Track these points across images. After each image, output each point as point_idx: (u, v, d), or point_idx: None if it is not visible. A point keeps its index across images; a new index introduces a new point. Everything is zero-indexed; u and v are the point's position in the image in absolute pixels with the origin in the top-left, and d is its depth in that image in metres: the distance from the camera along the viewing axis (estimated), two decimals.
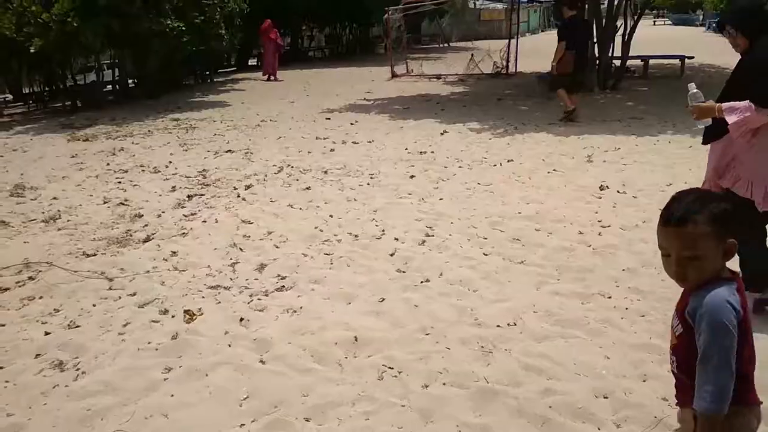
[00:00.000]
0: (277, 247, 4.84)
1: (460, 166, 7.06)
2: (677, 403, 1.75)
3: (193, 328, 3.58)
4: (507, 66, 17.12)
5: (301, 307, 3.77)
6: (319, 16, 27.29)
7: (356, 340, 3.33)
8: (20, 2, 12.02)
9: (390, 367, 3.06)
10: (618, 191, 5.78)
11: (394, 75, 18.11)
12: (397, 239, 4.86)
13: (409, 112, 11.43)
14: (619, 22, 13.04)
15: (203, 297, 4.00)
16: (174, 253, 4.81)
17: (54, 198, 6.62)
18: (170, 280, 4.29)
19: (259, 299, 3.93)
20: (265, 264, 4.50)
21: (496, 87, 14.75)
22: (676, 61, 15.00)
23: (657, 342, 3.14)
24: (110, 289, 4.21)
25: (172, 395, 2.93)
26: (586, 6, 10.76)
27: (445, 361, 3.09)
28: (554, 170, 6.65)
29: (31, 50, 11.85)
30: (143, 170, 7.76)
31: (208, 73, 19.85)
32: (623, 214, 5.13)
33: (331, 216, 5.51)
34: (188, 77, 19.11)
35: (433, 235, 4.91)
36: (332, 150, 8.39)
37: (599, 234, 4.73)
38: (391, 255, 4.56)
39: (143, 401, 2.90)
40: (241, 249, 4.84)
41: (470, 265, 4.29)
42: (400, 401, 2.79)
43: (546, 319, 3.48)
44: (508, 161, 7.18)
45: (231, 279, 4.28)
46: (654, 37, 28.21)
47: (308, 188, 6.48)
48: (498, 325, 3.42)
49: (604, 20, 12.86)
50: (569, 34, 9.05)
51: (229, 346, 3.36)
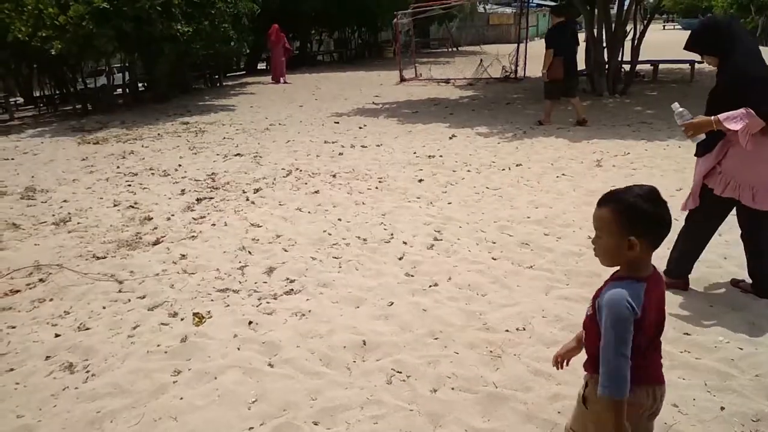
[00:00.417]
0: (285, 250, 4.85)
1: (468, 170, 7.05)
2: (586, 380, 1.88)
3: (202, 331, 3.59)
4: (516, 70, 17.11)
5: (309, 311, 3.78)
6: (328, 20, 27.37)
7: (365, 344, 3.34)
8: (36, 5, 12.12)
9: (398, 371, 3.05)
10: None
11: (402, 79, 18.14)
12: (405, 243, 4.86)
13: (418, 116, 11.44)
14: (629, 27, 13.00)
15: (212, 300, 4.02)
16: (183, 256, 4.83)
17: (64, 201, 6.67)
18: (179, 283, 4.31)
19: (267, 302, 3.94)
20: (274, 267, 4.51)
21: (505, 91, 14.73)
22: (686, 66, 14.92)
23: (667, 348, 3.11)
24: (120, 291, 4.24)
25: (181, 398, 2.94)
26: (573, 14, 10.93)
27: (453, 366, 3.08)
28: (563, 174, 6.63)
29: (52, 53, 11.96)
30: (153, 173, 7.81)
31: (217, 76, 19.98)
32: None
33: (339, 220, 5.52)
34: (198, 81, 19.24)
35: (441, 239, 4.90)
36: (341, 154, 8.41)
37: None
38: (400, 259, 4.56)
39: (152, 404, 2.91)
40: (249, 252, 4.85)
41: (479, 269, 4.28)
42: (409, 405, 2.79)
43: (555, 324, 3.46)
44: (517, 165, 7.17)
45: (240, 282, 4.29)
46: (663, 42, 28.07)
47: (317, 192, 6.49)
48: (507, 330, 3.41)
49: (613, 25, 12.84)
50: (557, 41, 9.15)
51: (238, 349, 3.37)
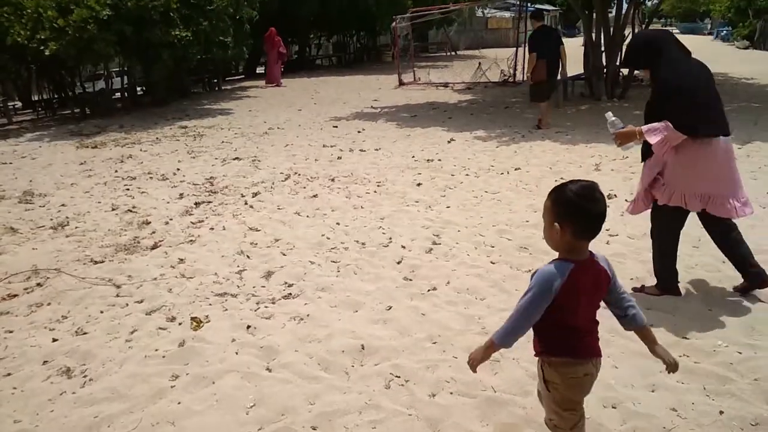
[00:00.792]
0: (284, 254, 4.85)
1: (467, 174, 7.06)
2: (540, 362, 2.10)
3: (200, 335, 3.58)
4: (514, 74, 17.14)
5: (307, 315, 3.77)
6: (326, 24, 27.44)
7: (363, 348, 3.33)
8: (35, 8, 12.13)
9: (397, 376, 3.05)
10: (626, 200, 5.74)
11: (401, 83, 18.17)
12: (404, 247, 4.86)
13: (417, 120, 11.45)
14: (627, 31, 13.03)
15: (210, 304, 4.01)
16: (181, 260, 4.83)
17: (62, 205, 6.66)
18: (177, 288, 4.30)
19: (266, 307, 3.93)
20: (272, 271, 4.50)
21: (504, 95, 14.75)
22: None
23: None
24: (118, 296, 4.23)
25: (179, 402, 2.93)
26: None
27: (452, 370, 3.07)
28: (561, 178, 6.63)
29: (46, 53, 11.96)
30: (151, 177, 7.80)
31: (216, 81, 19.99)
32: (631, 222, 5.09)
33: (338, 224, 5.52)
34: (196, 85, 19.25)
35: (440, 243, 4.90)
36: (339, 158, 8.41)
37: (607, 242, 4.71)
38: (398, 263, 4.56)
39: (150, 408, 2.90)
40: (248, 256, 4.85)
41: (477, 273, 4.28)
42: (407, 410, 2.78)
43: None
44: (515, 169, 7.17)
45: (238, 286, 4.29)
46: None
47: (315, 196, 6.49)
48: None
49: (612, 29, 12.86)
50: (540, 44, 9.45)
51: (236, 353, 3.36)
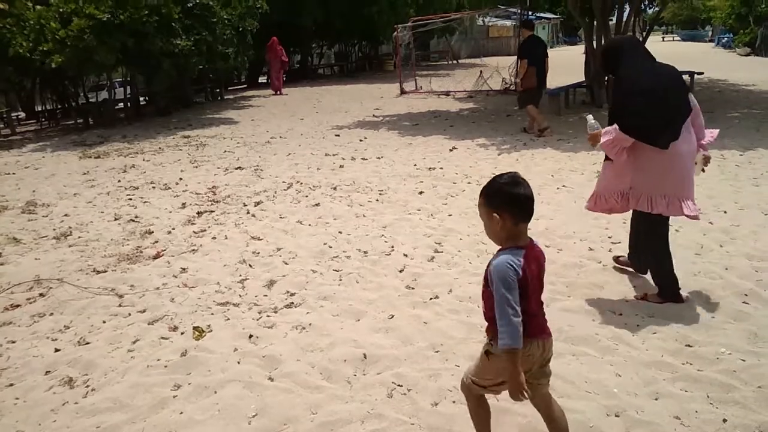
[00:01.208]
0: (286, 263, 4.85)
1: (469, 182, 7.06)
2: (489, 339, 2.24)
3: (202, 345, 3.58)
4: (515, 82, 17.15)
5: (310, 324, 3.77)
6: (328, 33, 27.56)
7: (365, 357, 3.32)
8: (38, 20, 12.22)
9: (399, 385, 3.04)
10: None
11: (403, 92, 18.22)
12: (406, 255, 4.86)
13: (418, 129, 11.48)
14: None
15: (212, 314, 4.01)
16: (184, 269, 4.83)
17: (65, 215, 6.68)
18: (180, 297, 4.30)
19: (268, 316, 3.93)
20: (275, 280, 4.51)
21: (505, 103, 14.78)
22: (686, 77, 14.99)
23: (669, 360, 3.11)
24: (120, 305, 4.24)
25: (181, 412, 2.93)
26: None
27: (454, 379, 3.06)
28: (563, 186, 6.64)
29: (52, 65, 12.04)
30: (154, 187, 7.82)
31: (218, 90, 20.08)
32: None
33: (340, 232, 5.52)
34: (199, 95, 19.34)
35: (442, 252, 4.90)
36: (341, 166, 8.43)
37: (609, 250, 4.70)
38: (400, 271, 4.55)
39: (152, 418, 2.90)
40: (250, 265, 4.85)
41: (479, 281, 4.21)
42: (410, 419, 2.77)
43: (556, 336, 3.41)
44: None
45: (240, 296, 4.29)
46: (663, 53, 28.15)
47: (317, 204, 6.50)
48: None
49: (613, 36, 12.91)
50: (530, 52, 9.91)
51: (238, 363, 3.36)
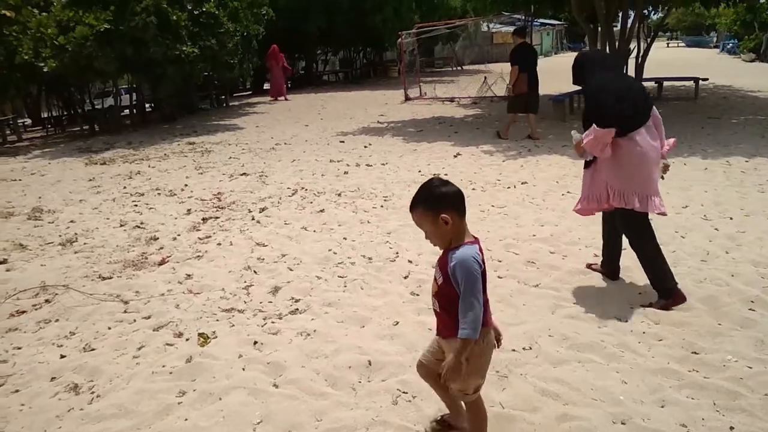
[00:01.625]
0: (290, 269, 4.85)
1: (473, 189, 7.06)
2: (441, 336, 2.33)
3: (207, 351, 3.58)
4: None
5: (314, 331, 3.76)
6: (333, 40, 27.64)
7: (370, 363, 3.32)
8: (38, 27, 12.32)
9: (404, 392, 3.03)
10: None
11: (407, 98, 18.25)
12: (410, 262, 4.86)
13: (423, 135, 11.49)
14: (633, 45, 13.06)
15: (217, 320, 4.01)
16: (189, 275, 4.84)
17: (71, 221, 6.71)
18: (185, 303, 4.31)
19: (272, 322, 3.93)
20: (279, 287, 4.51)
21: None
22: (691, 83, 14.96)
23: (675, 367, 3.09)
24: (125, 312, 4.24)
25: (186, 419, 2.93)
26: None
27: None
28: (568, 192, 6.62)
29: (45, 69, 12.16)
30: (159, 193, 7.85)
31: (223, 97, 20.16)
32: None
33: (344, 238, 5.52)
34: (204, 101, 19.42)
35: None
36: (346, 173, 8.44)
37: None
38: (405, 278, 4.55)
39: (157, 425, 2.90)
40: (255, 272, 4.85)
41: None
42: (415, 426, 2.76)
43: (562, 343, 3.44)
44: (522, 183, 7.17)
45: (245, 302, 4.29)
46: (668, 59, 28.23)
47: (322, 211, 6.50)
48: (513, 349, 3.38)
49: (617, 42, 12.90)
50: (522, 58, 10.06)
51: (243, 369, 3.36)
